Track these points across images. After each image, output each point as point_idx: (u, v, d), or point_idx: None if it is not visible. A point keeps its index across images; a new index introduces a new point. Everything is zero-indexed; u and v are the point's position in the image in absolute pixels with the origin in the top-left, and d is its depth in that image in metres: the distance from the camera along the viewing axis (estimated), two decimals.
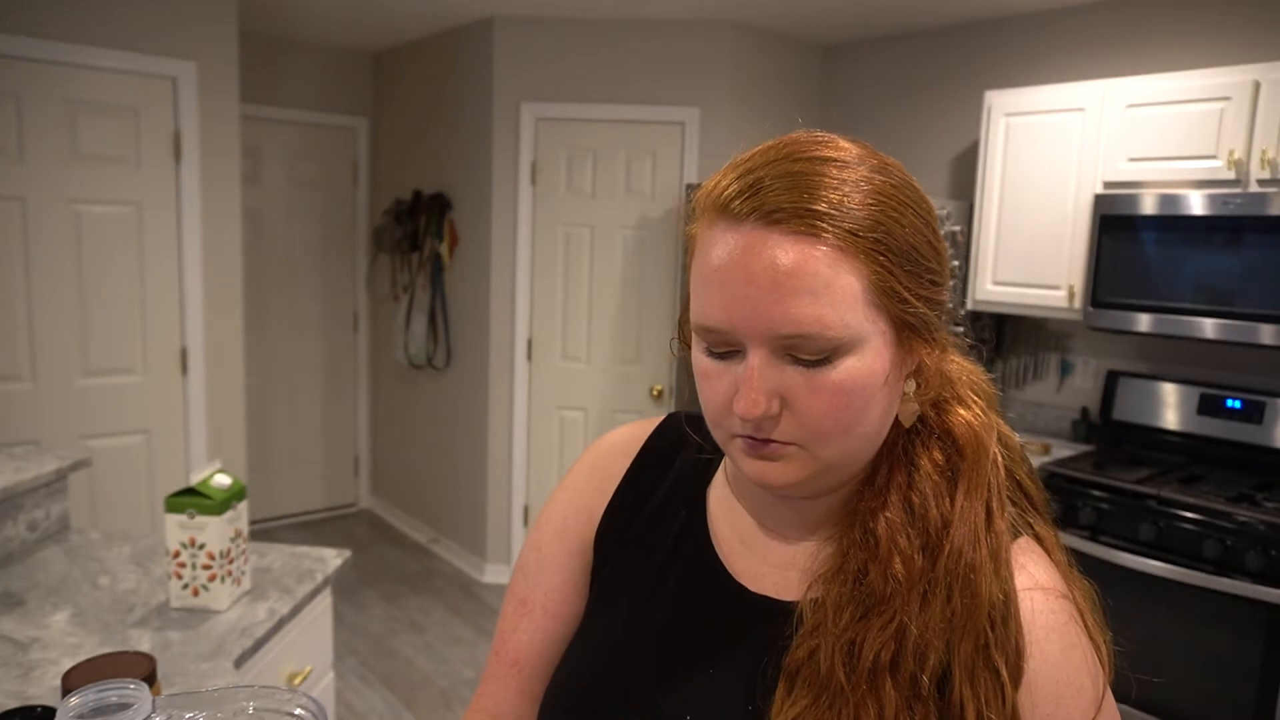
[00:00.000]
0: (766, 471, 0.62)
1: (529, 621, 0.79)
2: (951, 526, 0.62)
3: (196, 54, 3.22)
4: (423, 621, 3.70)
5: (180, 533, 1.54)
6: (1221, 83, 2.66)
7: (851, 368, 0.58)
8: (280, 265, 4.60)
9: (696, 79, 3.82)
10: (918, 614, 0.60)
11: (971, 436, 0.65)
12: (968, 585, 0.60)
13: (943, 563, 0.61)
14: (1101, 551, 2.62)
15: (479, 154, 3.98)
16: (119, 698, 0.63)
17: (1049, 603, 0.62)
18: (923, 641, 0.59)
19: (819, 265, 0.56)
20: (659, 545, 0.75)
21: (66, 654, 1.40)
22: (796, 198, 0.57)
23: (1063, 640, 0.61)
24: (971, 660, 0.59)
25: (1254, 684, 2.36)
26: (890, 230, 0.58)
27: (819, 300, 0.56)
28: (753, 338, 0.58)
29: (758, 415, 0.59)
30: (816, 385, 0.58)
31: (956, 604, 0.60)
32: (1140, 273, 2.82)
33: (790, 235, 0.57)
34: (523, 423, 4.06)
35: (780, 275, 0.56)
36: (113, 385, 3.17)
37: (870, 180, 0.59)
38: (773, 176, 0.58)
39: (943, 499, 0.63)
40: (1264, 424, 2.82)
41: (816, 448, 0.61)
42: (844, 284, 0.57)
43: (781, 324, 0.57)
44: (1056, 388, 3.47)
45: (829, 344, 0.57)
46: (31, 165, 2.93)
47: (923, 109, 3.82)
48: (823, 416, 0.59)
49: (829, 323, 0.57)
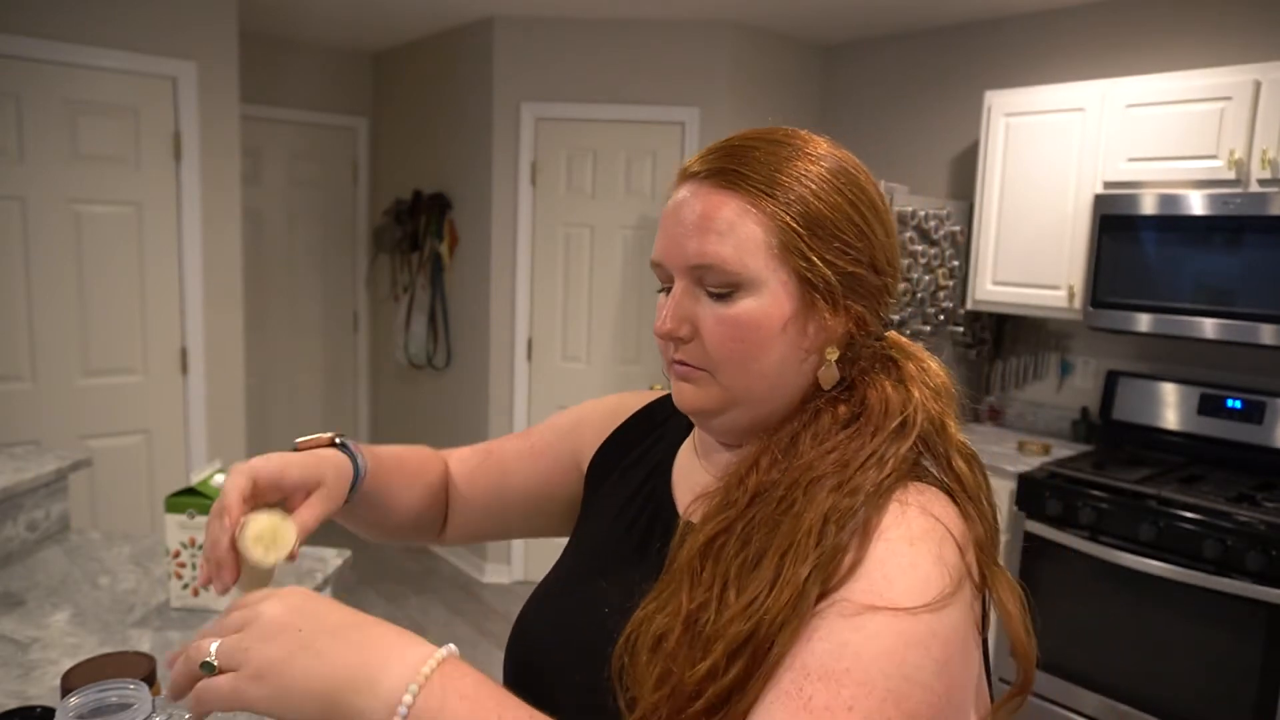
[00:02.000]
0: (683, 392, 0.74)
1: (519, 445, 0.99)
2: (813, 465, 0.68)
3: (196, 54, 3.22)
4: (423, 621, 3.70)
5: (180, 533, 1.54)
6: (1221, 83, 2.66)
7: (749, 306, 0.69)
8: (280, 265, 4.60)
9: (696, 79, 3.82)
10: (754, 512, 0.67)
11: (880, 403, 0.71)
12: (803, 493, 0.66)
13: (787, 473, 0.68)
14: (1101, 551, 2.62)
15: (479, 154, 3.98)
16: (119, 698, 0.63)
17: (907, 512, 0.65)
18: (748, 532, 0.66)
19: (728, 212, 0.69)
20: (633, 479, 0.88)
21: (66, 654, 1.40)
22: (728, 161, 0.70)
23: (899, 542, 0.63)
24: (783, 549, 0.63)
25: (1254, 684, 2.36)
26: (804, 198, 0.69)
27: (724, 240, 0.68)
28: (676, 269, 0.71)
29: (666, 331, 0.71)
30: (719, 316, 0.70)
31: (788, 506, 0.66)
32: (1140, 273, 2.82)
33: (714, 188, 0.70)
34: (523, 423, 4.05)
35: (698, 217, 0.69)
36: (113, 385, 3.17)
37: (806, 159, 0.70)
38: (725, 147, 0.72)
39: (816, 442, 0.70)
40: (1264, 424, 2.82)
41: (719, 375, 0.71)
42: (748, 231, 0.68)
43: (693, 255, 0.69)
44: (1056, 388, 3.47)
45: (729, 278, 0.68)
46: (31, 165, 2.93)
47: (923, 109, 3.82)
48: (719, 344, 0.70)
49: (728, 259, 0.68)
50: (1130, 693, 2.61)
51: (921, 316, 3.27)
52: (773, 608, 0.60)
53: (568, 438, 0.97)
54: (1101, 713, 2.66)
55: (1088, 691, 2.69)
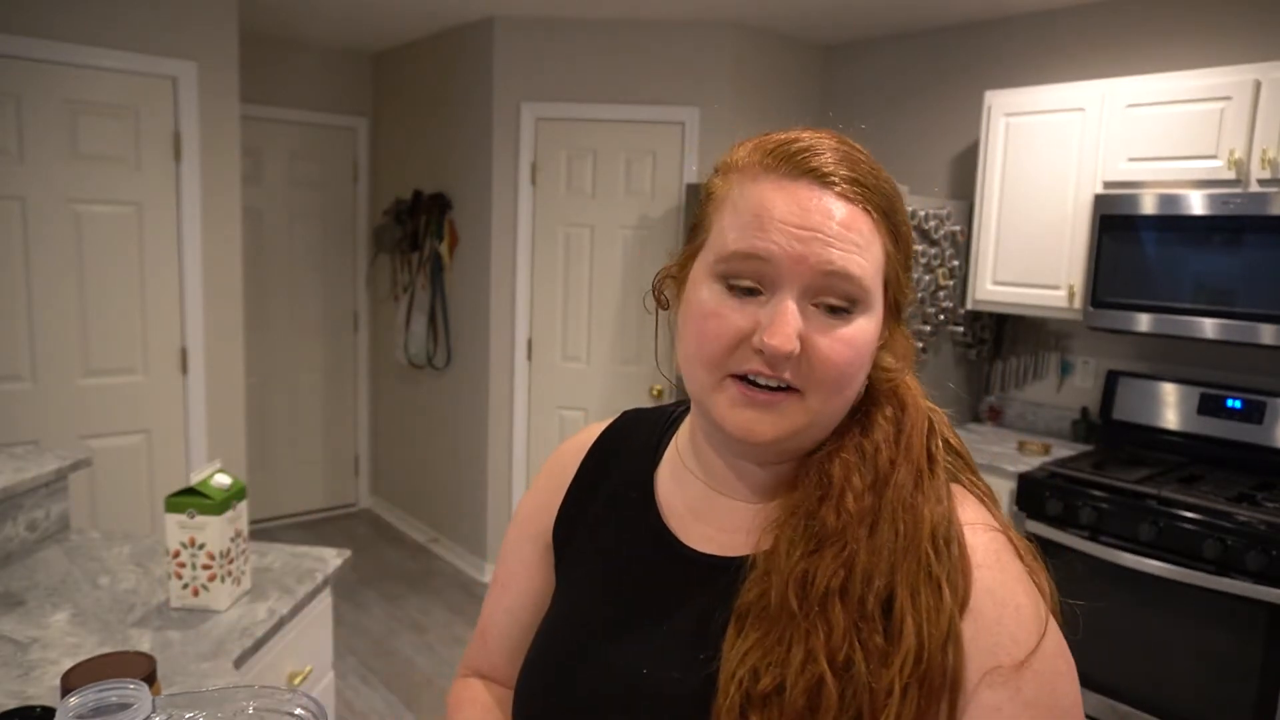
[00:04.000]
0: (753, 423, 0.66)
1: (493, 596, 0.91)
2: (897, 464, 0.68)
3: (196, 54, 3.22)
4: (423, 621, 3.70)
5: (180, 533, 1.54)
6: (1221, 82, 2.66)
7: (862, 326, 0.66)
8: (280, 265, 4.60)
9: (696, 79, 3.82)
10: (866, 541, 0.65)
11: (915, 399, 0.73)
12: (910, 512, 0.65)
13: (889, 495, 0.67)
14: (1101, 551, 2.62)
15: (479, 154, 3.98)
16: (119, 698, 0.63)
17: (982, 534, 0.67)
18: (870, 566, 0.64)
19: (863, 226, 0.65)
20: (610, 526, 0.81)
21: (66, 654, 1.40)
22: (848, 169, 0.66)
23: (999, 566, 0.65)
24: (914, 578, 0.63)
25: (1254, 684, 2.36)
26: (901, 224, 0.69)
27: (863, 254, 0.65)
28: (794, 276, 0.64)
29: (790, 349, 0.63)
30: (836, 334, 0.65)
31: (900, 528, 0.65)
32: (1140, 273, 2.82)
33: (841, 196, 0.65)
34: (523, 423, 4.06)
35: (836, 224, 0.64)
36: (113, 385, 3.17)
37: (888, 177, 0.69)
38: (822, 147, 0.67)
39: (890, 444, 0.70)
40: (1264, 424, 2.82)
41: (814, 397, 0.66)
42: (877, 250, 0.67)
43: (832, 261, 0.63)
44: (1056, 388, 3.47)
45: (860, 293, 0.65)
46: (31, 165, 2.93)
47: (923, 109, 3.82)
48: (832, 364, 0.65)
49: (865, 274, 0.65)
50: (1130, 693, 2.61)
51: (921, 316, 3.27)
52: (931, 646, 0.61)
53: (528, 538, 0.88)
54: (1101, 713, 2.66)
55: (1088, 691, 2.69)
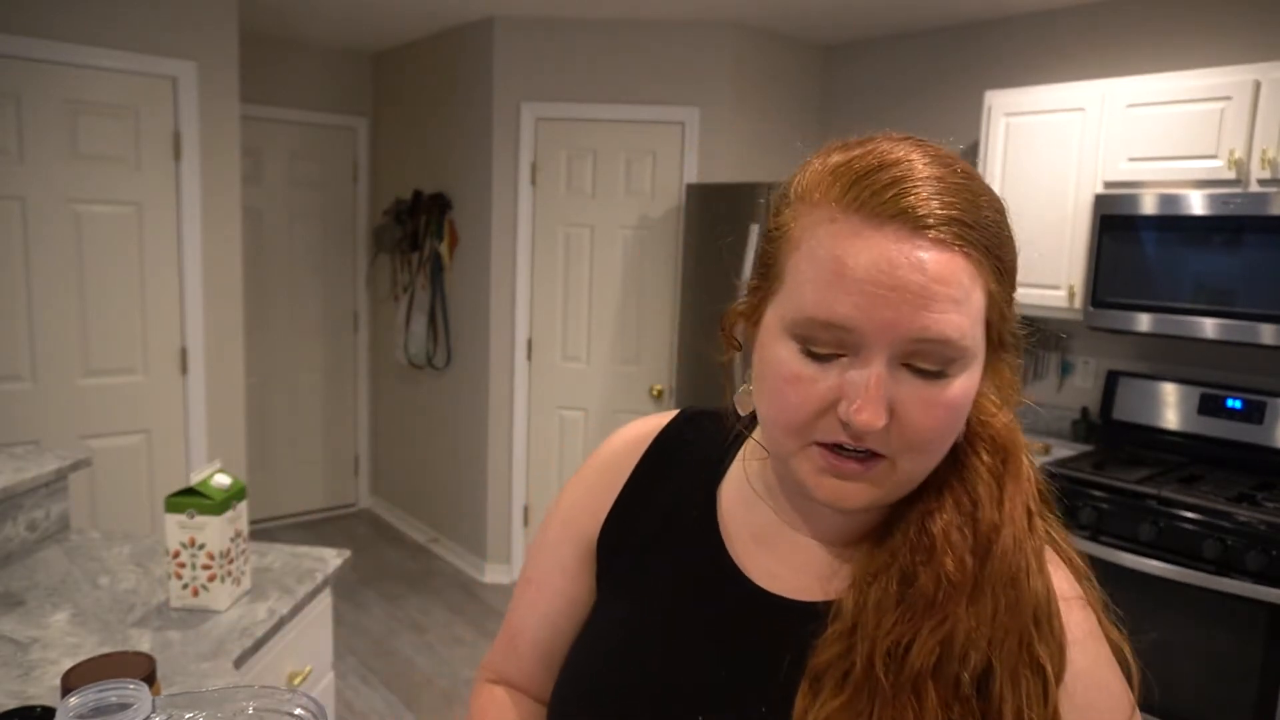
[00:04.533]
0: (843, 492, 0.60)
1: (526, 597, 0.83)
2: (1001, 528, 0.61)
3: (196, 54, 3.22)
4: (423, 621, 3.70)
5: (180, 533, 1.54)
6: (1221, 83, 2.66)
7: (963, 383, 0.58)
8: (280, 265, 4.60)
9: (696, 79, 3.82)
10: (966, 614, 0.59)
11: (1011, 438, 0.65)
12: (1014, 584, 0.60)
13: (992, 563, 0.60)
14: (1101, 551, 2.62)
15: (479, 154, 3.98)
16: (119, 698, 0.63)
17: (1076, 610, 0.63)
18: (968, 641, 0.59)
19: (963, 276, 0.56)
20: (665, 544, 0.74)
21: (66, 654, 1.40)
22: (944, 205, 0.56)
23: (1091, 645, 0.62)
24: (1015, 658, 0.58)
25: (1254, 684, 2.36)
26: (1005, 248, 0.59)
27: (961, 310, 0.56)
28: (882, 343, 0.56)
29: (878, 425, 0.56)
30: (931, 399, 0.57)
31: (1002, 603, 0.59)
32: (1140, 273, 2.82)
33: (937, 243, 0.55)
34: (523, 423, 4.06)
35: (929, 281, 0.55)
36: (113, 385, 3.16)
37: (988, 193, 0.59)
38: (915, 176, 0.56)
39: (993, 500, 0.63)
40: (1264, 424, 2.82)
41: (904, 461, 0.59)
42: (978, 298, 0.57)
43: (926, 328, 0.55)
44: (1056, 388, 3.47)
45: (958, 354, 0.57)
46: (31, 165, 2.93)
47: (923, 109, 3.82)
48: (929, 430, 0.58)
49: (965, 333, 0.56)
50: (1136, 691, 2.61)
51: None
52: None
53: (569, 540, 0.81)
54: None
55: None
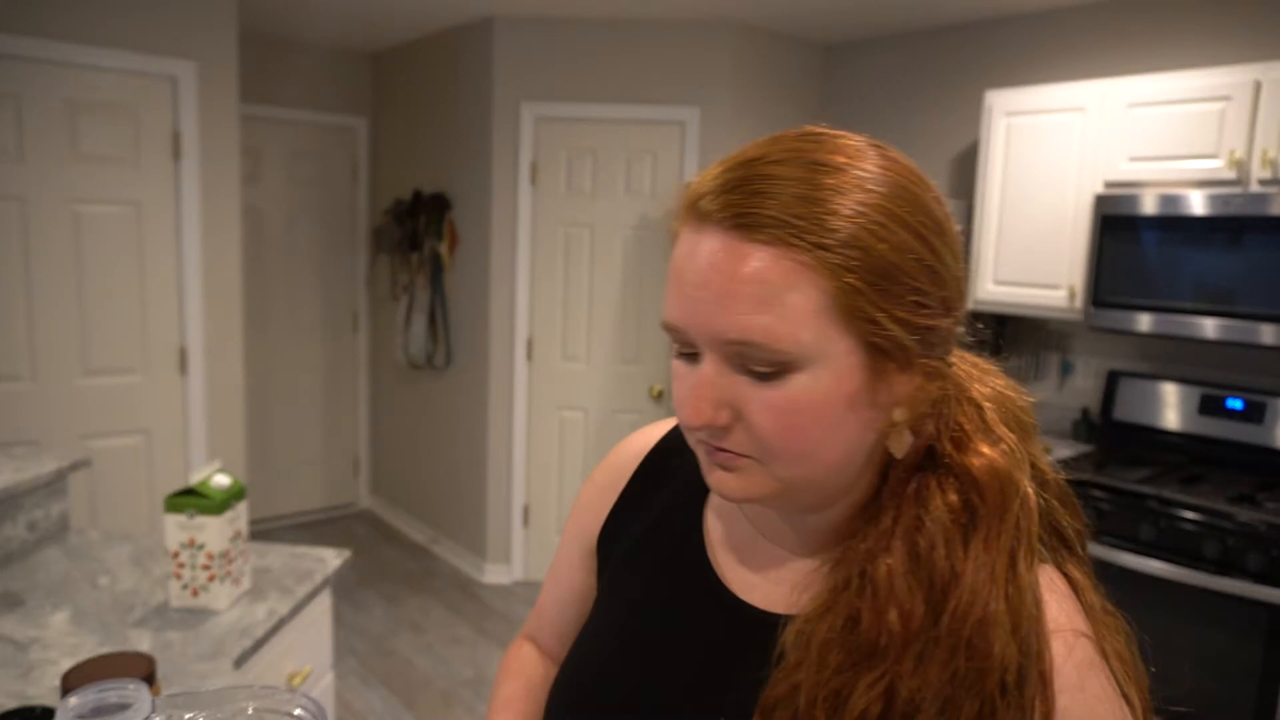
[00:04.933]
0: (723, 481, 0.60)
1: (547, 585, 0.90)
2: (962, 578, 0.56)
3: (196, 54, 3.22)
4: (423, 621, 3.70)
5: (180, 533, 1.54)
6: (1222, 83, 2.66)
7: (804, 386, 0.55)
8: (280, 265, 4.60)
9: (696, 79, 3.82)
10: (912, 672, 0.55)
11: (994, 477, 0.58)
12: (976, 645, 0.54)
13: (946, 619, 0.55)
14: (1102, 551, 2.62)
15: (479, 154, 3.98)
16: (119, 698, 0.63)
17: (1067, 646, 0.57)
18: (915, 702, 0.54)
19: (773, 275, 0.53)
20: (657, 550, 0.75)
21: (66, 654, 1.40)
22: (765, 204, 0.54)
23: (1083, 688, 0.56)
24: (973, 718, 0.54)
25: (1254, 684, 2.36)
26: (867, 246, 0.54)
27: (769, 310, 0.53)
28: (704, 342, 0.56)
29: (701, 423, 0.57)
30: (767, 400, 0.56)
31: (960, 665, 0.54)
32: (1141, 273, 2.82)
33: (751, 242, 0.54)
34: (523, 423, 4.06)
35: (733, 281, 0.54)
36: (113, 385, 3.16)
37: (859, 188, 0.55)
38: (750, 177, 0.56)
39: (955, 547, 0.57)
40: (1265, 424, 2.82)
41: (773, 466, 0.58)
42: (800, 298, 0.53)
43: (727, 330, 0.55)
44: (1057, 388, 3.47)
45: (776, 356, 0.54)
46: (31, 165, 2.93)
47: (923, 109, 3.82)
48: (772, 435, 0.56)
49: (778, 335, 0.54)
50: None
51: None
52: None
53: (575, 537, 0.85)
54: None
55: None
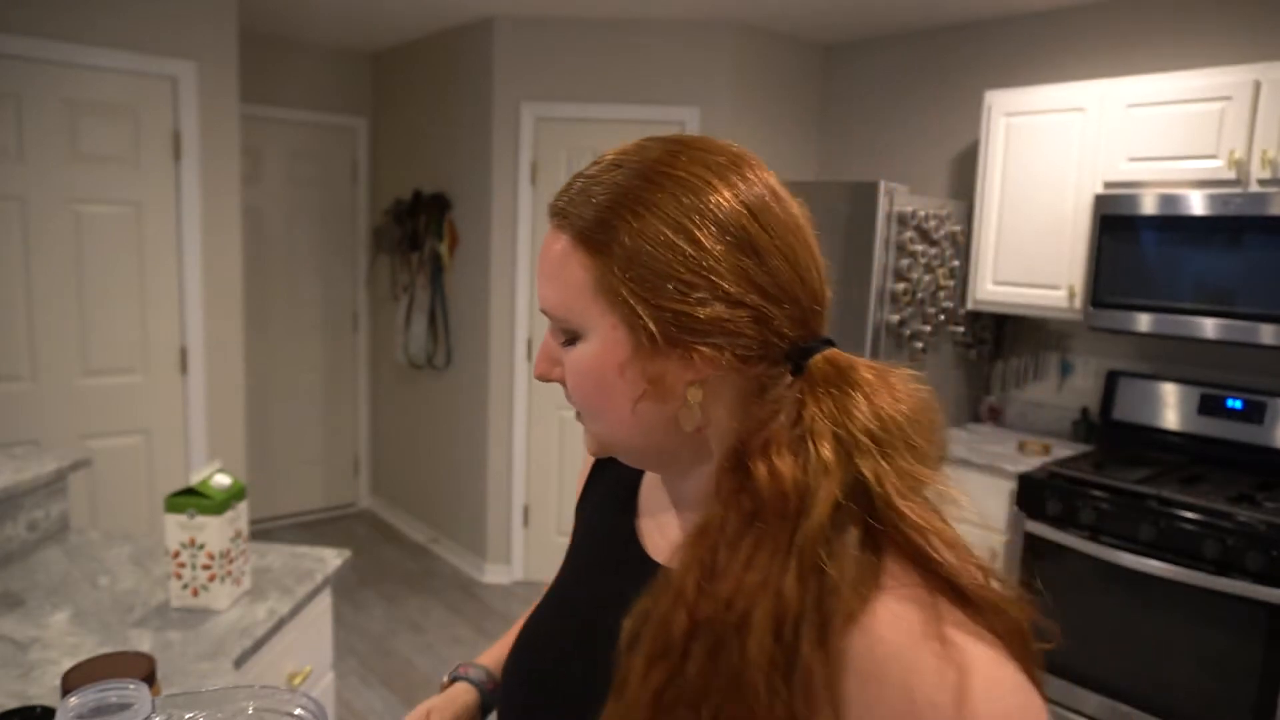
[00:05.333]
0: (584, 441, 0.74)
1: None
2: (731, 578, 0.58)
3: (196, 54, 3.22)
4: (423, 621, 3.70)
5: (180, 533, 1.54)
6: (1221, 83, 2.66)
7: (583, 351, 0.66)
8: (280, 265, 4.60)
9: (697, 79, 3.82)
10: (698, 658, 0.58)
11: (770, 484, 0.58)
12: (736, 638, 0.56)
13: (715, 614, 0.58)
14: (1101, 551, 2.62)
15: (479, 154, 3.98)
16: (119, 698, 0.63)
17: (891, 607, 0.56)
18: (696, 691, 0.57)
19: (558, 255, 0.66)
20: (600, 522, 0.86)
21: (66, 654, 1.40)
22: (569, 197, 0.67)
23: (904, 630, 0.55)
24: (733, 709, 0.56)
25: (1254, 684, 2.36)
26: (619, 234, 0.62)
27: (555, 284, 0.66)
28: (545, 312, 0.69)
29: (538, 375, 0.71)
30: (567, 361, 0.68)
31: (727, 657, 0.56)
32: (1140, 273, 2.82)
33: (557, 230, 0.67)
34: (523, 423, 4.06)
35: (545, 261, 0.68)
36: (113, 385, 3.16)
37: (646, 187, 0.63)
38: (576, 179, 0.68)
39: (737, 551, 0.59)
40: (1264, 424, 2.82)
41: (585, 421, 0.70)
42: (571, 275, 0.65)
43: (541, 299, 0.69)
44: (1056, 388, 3.47)
45: (561, 323, 0.67)
46: (31, 165, 2.93)
47: (923, 109, 3.82)
48: (572, 390, 0.69)
49: (558, 304, 0.66)
50: (1130, 693, 2.61)
51: (921, 316, 3.27)
52: None
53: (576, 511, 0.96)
54: (1101, 713, 2.66)
55: (1088, 691, 2.69)
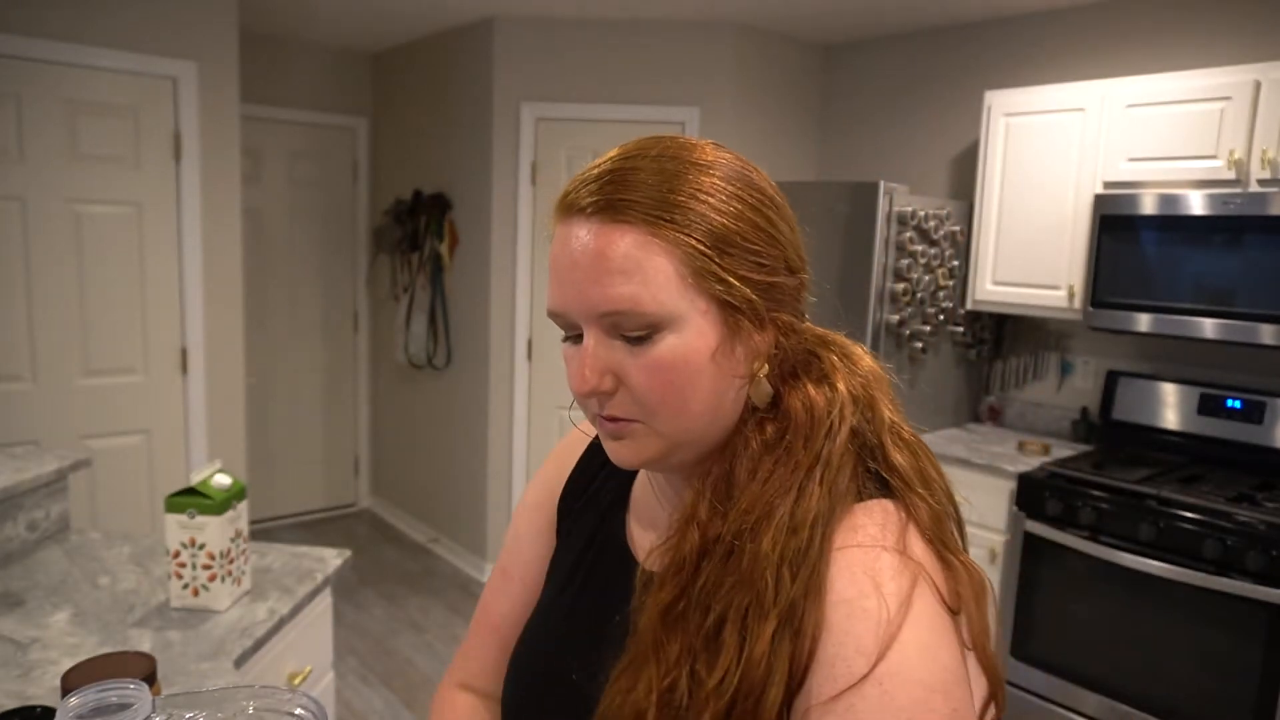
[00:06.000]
0: (620, 451, 0.68)
1: (507, 590, 0.90)
2: (750, 487, 0.64)
3: (196, 54, 3.22)
4: (423, 621, 3.70)
5: (180, 533, 1.54)
6: (1221, 83, 2.66)
7: (672, 345, 0.63)
8: (280, 265, 4.60)
9: (697, 79, 3.82)
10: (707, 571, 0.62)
11: (805, 411, 0.66)
12: (750, 540, 0.61)
13: (730, 521, 0.63)
14: (1101, 551, 2.62)
15: (479, 154, 3.98)
16: (119, 698, 0.63)
17: (854, 555, 0.60)
18: (706, 596, 0.62)
19: (631, 248, 0.62)
20: (589, 524, 0.83)
21: (66, 654, 1.40)
22: (616, 189, 0.63)
23: (858, 578, 0.59)
24: (743, 611, 0.60)
25: (1254, 684, 2.36)
26: (705, 216, 0.63)
27: (631, 280, 0.62)
28: (583, 318, 0.64)
29: (588, 390, 0.65)
30: (643, 362, 0.63)
31: (737, 561, 0.61)
32: (1140, 273, 2.82)
33: (604, 222, 0.63)
34: (523, 423, 4.06)
35: (595, 258, 0.62)
36: (113, 385, 3.16)
37: (695, 170, 0.64)
38: (602, 173, 0.65)
39: (755, 466, 0.65)
40: (1264, 424, 2.82)
41: (654, 423, 0.65)
42: (655, 265, 0.62)
43: (600, 302, 0.63)
44: (1056, 388, 3.47)
45: (645, 320, 0.62)
46: (31, 165, 2.93)
47: (923, 109, 3.82)
48: (650, 391, 0.64)
49: (642, 300, 0.62)
50: (1130, 693, 2.61)
51: (921, 316, 3.27)
52: (747, 679, 0.57)
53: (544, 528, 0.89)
54: (1101, 713, 2.66)
55: (1088, 691, 2.69)
